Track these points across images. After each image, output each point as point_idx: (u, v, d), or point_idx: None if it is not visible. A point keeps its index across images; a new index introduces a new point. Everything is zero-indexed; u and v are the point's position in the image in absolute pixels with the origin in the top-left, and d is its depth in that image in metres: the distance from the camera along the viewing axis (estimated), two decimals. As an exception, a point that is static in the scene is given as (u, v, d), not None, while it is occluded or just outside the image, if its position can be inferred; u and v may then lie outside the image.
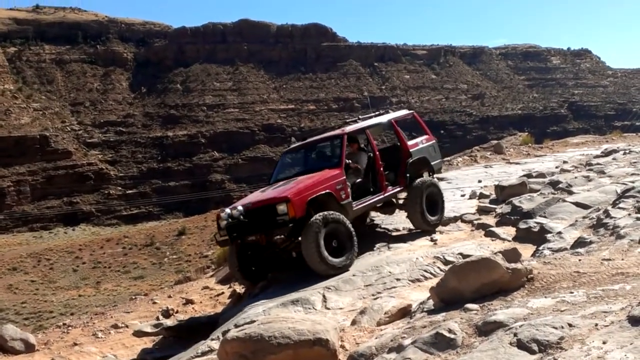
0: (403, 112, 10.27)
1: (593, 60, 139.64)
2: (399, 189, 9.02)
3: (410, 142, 9.36)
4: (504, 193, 11.35)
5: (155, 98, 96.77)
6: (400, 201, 9.43)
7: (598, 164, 13.89)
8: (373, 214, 10.25)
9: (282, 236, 7.83)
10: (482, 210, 10.75)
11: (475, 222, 9.89)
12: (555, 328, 3.38)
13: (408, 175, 9.00)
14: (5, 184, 73.58)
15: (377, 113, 9.92)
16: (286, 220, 7.20)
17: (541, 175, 13.20)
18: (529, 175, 13.25)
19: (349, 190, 8.03)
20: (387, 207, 9.39)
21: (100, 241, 56.49)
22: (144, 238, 54.70)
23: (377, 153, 8.83)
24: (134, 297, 13.55)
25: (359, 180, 8.56)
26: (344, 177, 8.02)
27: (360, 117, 9.78)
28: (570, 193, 10.06)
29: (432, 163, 9.62)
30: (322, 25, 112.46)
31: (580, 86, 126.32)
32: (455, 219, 10.21)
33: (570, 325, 3.40)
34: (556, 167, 14.89)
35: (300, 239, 7.50)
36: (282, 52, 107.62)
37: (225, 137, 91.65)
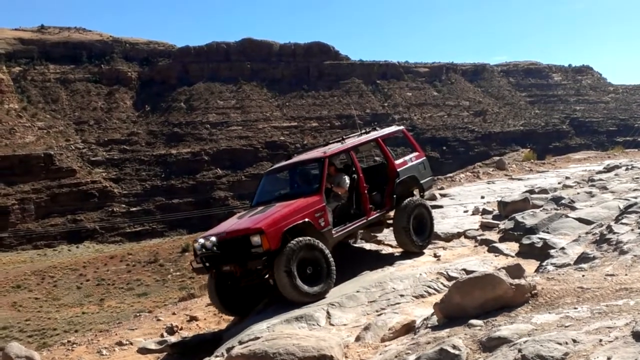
0: (391, 128, 9.86)
1: (594, 77, 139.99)
2: (384, 211, 8.60)
3: (398, 161, 8.94)
4: (506, 209, 11.33)
5: (159, 116, 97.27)
6: (389, 220, 8.95)
7: (600, 179, 13.84)
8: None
9: (259, 267, 7.28)
10: (485, 226, 10.73)
11: (479, 238, 9.88)
12: (560, 344, 3.37)
13: (395, 196, 8.59)
14: (10, 202, 73.82)
15: (363, 131, 9.39)
16: (260, 253, 6.86)
17: (544, 191, 13.19)
18: (531, 191, 13.24)
19: (329, 216, 7.64)
20: (375, 226, 9.02)
21: (104, 258, 56.50)
22: (147, 255, 54.70)
23: (362, 175, 8.33)
24: (138, 314, 13.53)
25: (340, 204, 8.14)
26: (324, 204, 7.62)
27: (344, 136, 9.35)
28: (573, 209, 10.02)
29: (422, 181, 9.21)
30: (325, 43, 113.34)
31: (581, 102, 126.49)
32: (458, 235, 10.20)
33: (574, 341, 3.40)
34: (559, 183, 14.86)
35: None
36: (285, 70, 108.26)
37: (228, 155, 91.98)
